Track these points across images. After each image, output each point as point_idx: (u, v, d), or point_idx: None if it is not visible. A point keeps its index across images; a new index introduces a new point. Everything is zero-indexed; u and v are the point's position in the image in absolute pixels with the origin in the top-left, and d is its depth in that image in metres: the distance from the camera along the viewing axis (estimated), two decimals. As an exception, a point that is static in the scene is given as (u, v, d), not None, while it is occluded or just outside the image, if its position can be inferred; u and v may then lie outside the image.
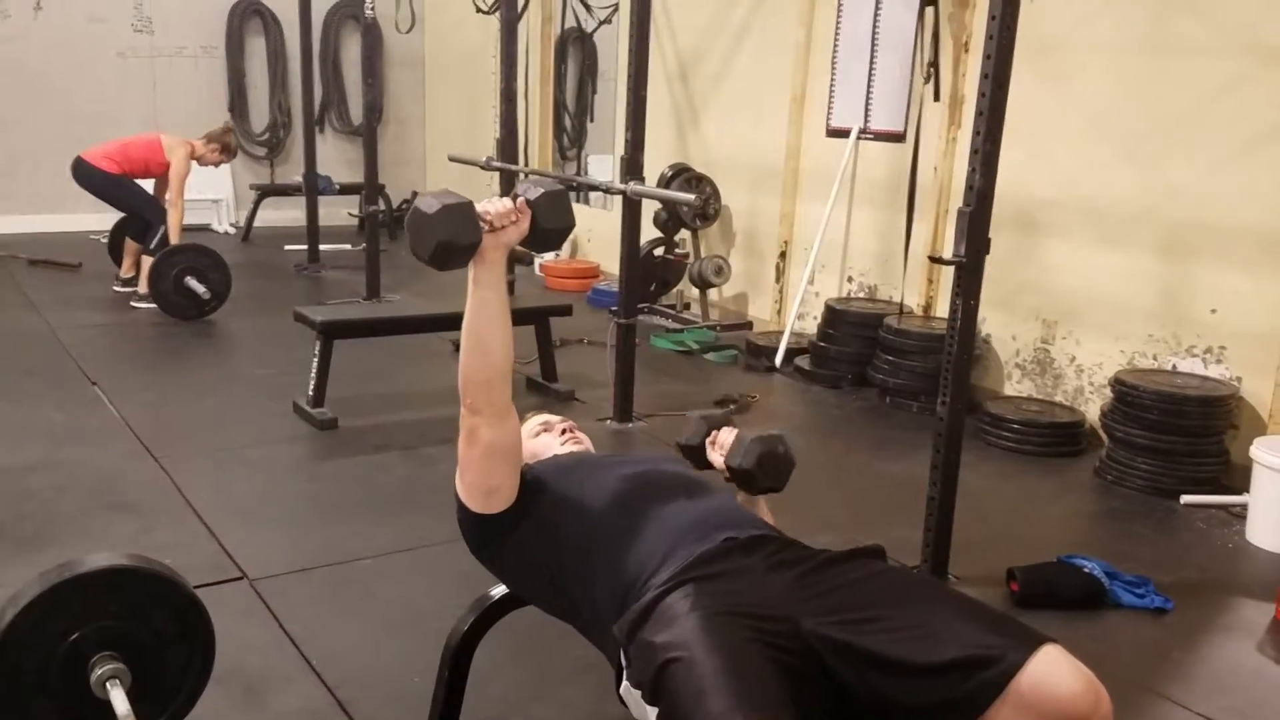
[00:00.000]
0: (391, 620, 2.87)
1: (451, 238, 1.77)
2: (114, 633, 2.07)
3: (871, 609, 1.65)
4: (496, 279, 1.84)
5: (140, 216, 6.31)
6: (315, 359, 4.38)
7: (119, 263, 6.66)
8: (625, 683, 1.69)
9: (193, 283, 5.92)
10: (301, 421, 4.39)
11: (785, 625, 1.63)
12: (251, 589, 2.99)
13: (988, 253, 2.96)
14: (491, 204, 1.85)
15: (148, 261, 6.16)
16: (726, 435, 2.19)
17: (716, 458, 2.19)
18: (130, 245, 6.43)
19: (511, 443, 1.92)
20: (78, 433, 4.18)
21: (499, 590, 2.13)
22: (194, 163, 6.35)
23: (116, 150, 6.21)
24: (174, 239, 6.07)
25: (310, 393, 4.37)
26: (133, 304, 6.23)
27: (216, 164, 6.68)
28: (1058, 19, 4.53)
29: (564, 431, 2.24)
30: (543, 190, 1.90)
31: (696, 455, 2.24)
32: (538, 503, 1.94)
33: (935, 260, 3.18)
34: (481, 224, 1.81)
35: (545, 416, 2.30)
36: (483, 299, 1.84)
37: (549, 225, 1.90)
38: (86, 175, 6.16)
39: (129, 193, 6.27)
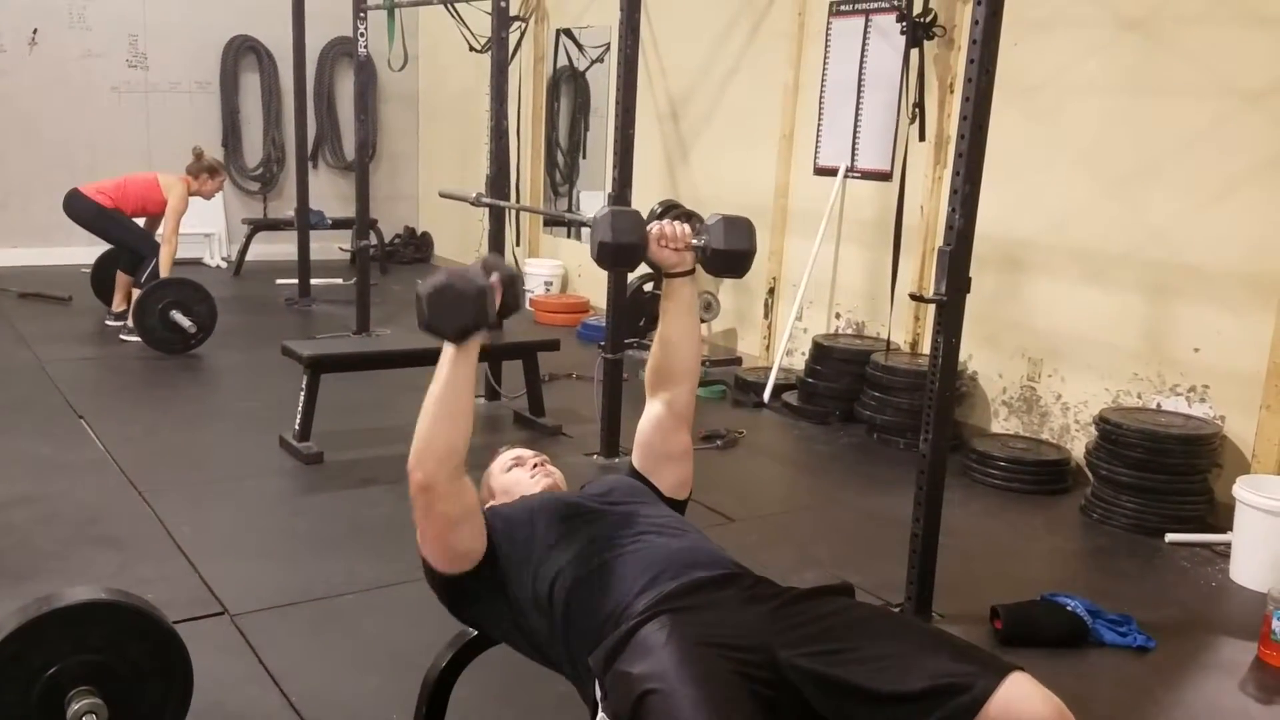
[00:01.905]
0: (373, 656, 2.86)
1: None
2: (92, 667, 2.07)
3: (843, 641, 1.66)
4: (474, 362, 1.86)
5: (131, 250, 6.32)
6: (302, 393, 4.38)
7: (102, 296, 6.67)
8: (601, 714, 1.69)
9: (178, 316, 5.92)
10: (287, 455, 4.38)
11: (760, 656, 1.64)
12: (232, 624, 2.98)
13: (968, 291, 2.99)
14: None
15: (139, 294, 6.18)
16: (675, 226, 2.09)
17: (670, 254, 2.08)
18: (122, 278, 6.44)
19: (469, 508, 1.89)
20: (62, 466, 4.17)
21: (478, 626, 2.12)
22: (191, 199, 6.35)
23: (113, 187, 6.23)
24: (165, 274, 6.09)
25: (296, 427, 4.37)
26: (122, 337, 6.22)
27: (212, 194, 6.60)
28: (1043, 61, 4.59)
29: (535, 466, 2.24)
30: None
31: (634, 254, 2.10)
32: (509, 549, 1.93)
33: (916, 298, 3.21)
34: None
35: (517, 451, 2.30)
36: (461, 376, 1.83)
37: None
38: (79, 208, 6.18)
39: (119, 226, 6.28)
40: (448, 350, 1.84)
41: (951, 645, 1.68)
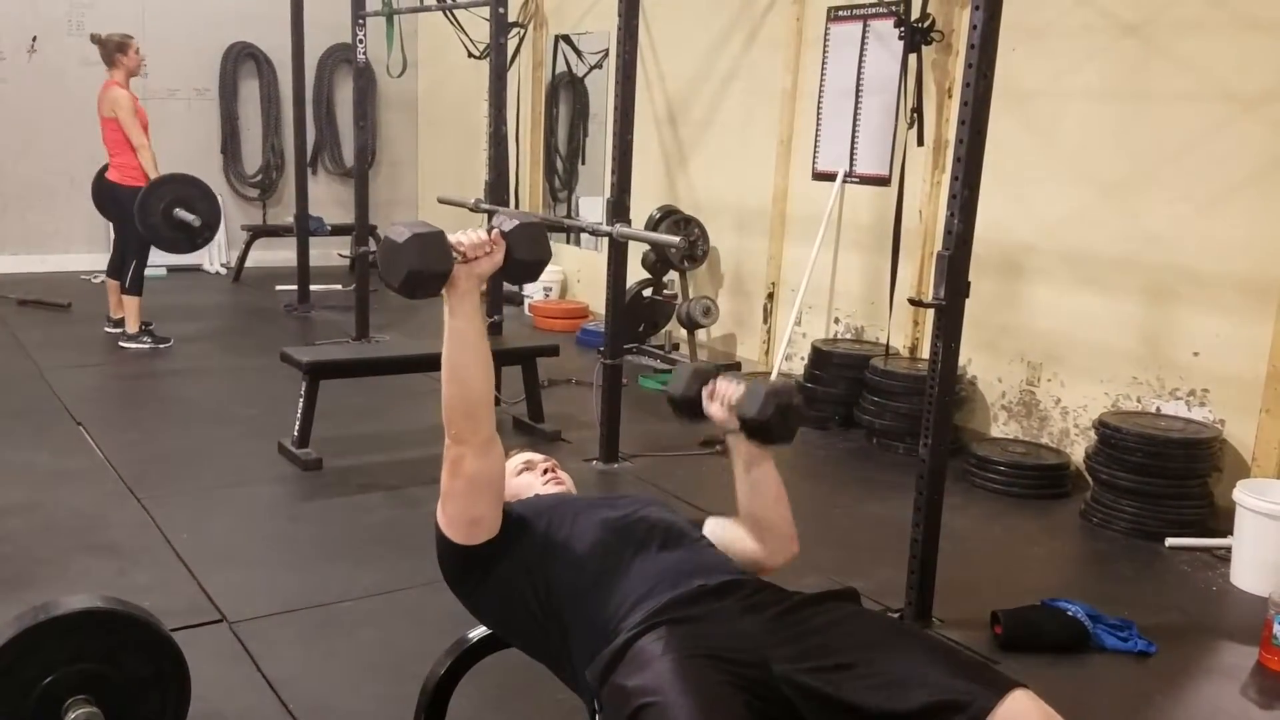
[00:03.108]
0: (372, 664, 2.85)
1: (422, 266, 1.77)
2: (88, 676, 2.06)
3: (842, 654, 1.65)
4: (471, 309, 1.83)
5: (121, 250, 6.30)
6: (301, 399, 4.38)
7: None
8: (598, 725, 1.69)
9: (182, 213, 5.90)
10: (286, 462, 4.38)
11: (757, 669, 1.63)
12: (231, 632, 2.97)
13: (967, 296, 2.99)
14: (465, 235, 1.85)
15: (131, 301, 6.18)
16: (727, 386, 2.03)
17: (718, 410, 2.03)
18: (111, 284, 6.44)
19: (495, 474, 1.91)
20: (60, 473, 4.16)
21: (477, 633, 2.12)
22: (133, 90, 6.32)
23: (113, 151, 6.30)
24: (153, 175, 6.07)
25: (295, 433, 4.36)
26: (121, 344, 6.22)
27: (139, 66, 6.44)
28: (1041, 67, 4.59)
29: (546, 471, 2.23)
30: (518, 223, 1.92)
31: (691, 408, 2.08)
32: (517, 540, 1.93)
33: (915, 303, 3.21)
34: (454, 254, 1.81)
35: (528, 455, 2.30)
36: (458, 330, 1.83)
37: (523, 257, 1.92)
38: (99, 187, 6.33)
39: (122, 209, 6.22)
40: (445, 308, 1.85)
41: (952, 659, 1.67)
